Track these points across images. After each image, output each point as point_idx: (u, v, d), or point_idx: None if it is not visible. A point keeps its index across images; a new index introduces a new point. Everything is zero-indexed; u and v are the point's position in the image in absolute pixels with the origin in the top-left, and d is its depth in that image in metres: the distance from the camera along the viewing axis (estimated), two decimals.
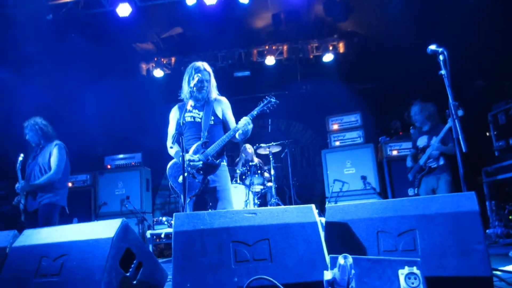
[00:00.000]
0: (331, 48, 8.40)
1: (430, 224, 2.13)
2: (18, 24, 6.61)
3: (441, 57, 3.03)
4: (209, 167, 3.19)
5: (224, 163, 3.34)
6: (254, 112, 3.28)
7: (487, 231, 5.26)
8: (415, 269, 1.72)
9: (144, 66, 9.17)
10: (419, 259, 1.75)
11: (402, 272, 1.72)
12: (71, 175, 8.00)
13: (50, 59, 7.36)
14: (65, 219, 7.48)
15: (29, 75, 7.14)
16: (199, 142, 3.23)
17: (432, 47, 3.10)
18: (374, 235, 2.23)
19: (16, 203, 4.17)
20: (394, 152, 6.84)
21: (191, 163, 3.12)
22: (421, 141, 4.93)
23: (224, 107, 3.44)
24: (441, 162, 4.66)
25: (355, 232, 2.26)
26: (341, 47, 8.47)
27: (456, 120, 2.90)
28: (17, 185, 4.05)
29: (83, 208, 7.70)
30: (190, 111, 3.35)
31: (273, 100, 3.34)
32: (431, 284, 1.80)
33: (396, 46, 6.78)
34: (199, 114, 3.34)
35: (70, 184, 7.98)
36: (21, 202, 4.11)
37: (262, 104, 3.34)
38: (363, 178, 6.79)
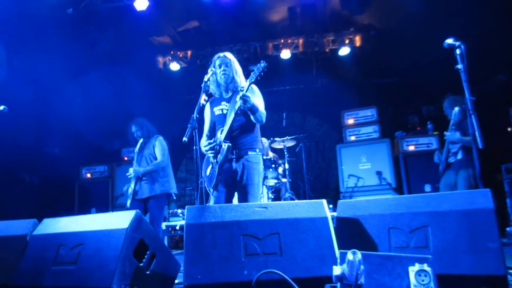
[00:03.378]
0: (347, 41, 8.30)
1: (443, 221, 2.11)
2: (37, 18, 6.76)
3: (458, 51, 2.97)
4: (226, 157, 3.08)
5: (253, 152, 3.19)
6: (247, 83, 3.09)
7: (507, 229, 5.14)
8: (425, 266, 1.70)
9: (161, 60, 9.25)
10: (430, 256, 1.73)
11: (413, 269, 1.71)
12: (90, 166, 8.25)
13: (68, 52, 7.50)
14: (84, 209, 7.72)
15: (43, 62, 7.27)
16: (219, 131, 3.23)
17: (449, 41, 3.03)
18: (386, 232, 2.22)
19: (126, 189, 4.56)
20: (411, 148, 6.73)
21: (210, 154, 3.15)
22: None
23: (251, 94, 3.24)
24: (459, 156, 4.57)
25: (366, 228, 2.26)
26: (358, 41, 8.35)
27: (472, 116, 2.85)
28: (131, 169, 4.47)
29: (101, 198, 7.87)
30: (219, 105, 3.35)
31: (262, 64, 3.10)
32: (442, 282, 1.78)
33: (414, 39, 6.65)
34: (226, 106, 3.31)
35: (89, 175, 8.18)
36: (130, 187, 4.47)
37: (253, 74, 3.10)
38: (379, 173, 6.72)
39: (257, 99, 3.26)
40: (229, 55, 3.42)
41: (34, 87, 6.96)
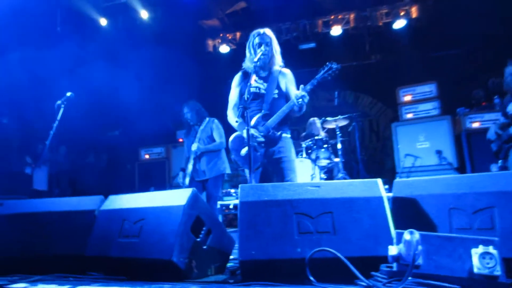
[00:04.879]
0: (402, 13, 7.83)
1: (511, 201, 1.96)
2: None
3: None
4: (270, 140, 3.16)
5: (287, 135, 3.31)
6: (315, 81, 3.11)
7: None
8: (491, 249, 1.60)
9: (210, 43, 9.36)
10: (497, 239, 1.63)
11: (476, 251, 1.62)
12: (147, 148, 8.67)
13: (120, 39, 7.83)
14: (143, 189, 8.17)
15: (100, 51, 7.65)
16: (259, 115, 3.20)
17: None
18: (446, 212, 2.11)
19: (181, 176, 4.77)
20: (475, 125, 6.27)
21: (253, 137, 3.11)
22: None
23: (288, 81, 3.36)
24: None
25: (425, 208, 2.16)
26: (414, 12, 7.86)
27: None
28: (195, 144, 4.64)
29: (159, 178, 8.28)
30: (255, 81, 3.30)
31: (334, 65, 3.13)
32: (510, 267, 1.68)
33: (478, 6, 6.13)
34: (263, 85, 3.29)
35: (147, 156, 8.60)
36: (189, 165, 4.66)
37: (322, 72, 3.15)
38: (438, 152, 6.38)
39: (294, 88, 3.30)
40: (268, 31, 3.32)
41: (93, 73, 7.36)
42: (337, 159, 6.39)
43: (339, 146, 6.36)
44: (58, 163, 8.24)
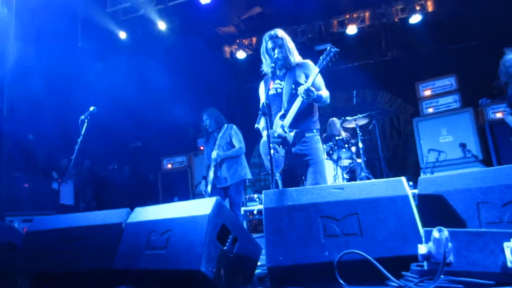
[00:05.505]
0: (418, 8, 7.72)
1: None
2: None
3: None
4: (286, 140, 3.05)
5: (311, 134, 3.14)
6: (315, 70, 3.01)
7: None
8: None
9: (227, 49, 9.45)
10: None
11: (508, 245, 1.58)
12: (169, 157, 8.79)
13: (139, 50, 8.00)
14: (167, 198, 8.27)
15: (120, 63, 7.84)
16: (279, 114, 3.15)
17: None
18: (474, 207, 2.07)
19: (203, 184, 4.82)
20: (499, 115, 6.12)
21: (272, 139, 3.05)
22: None
23: (307, 71, 3.17)
24: None
25: (452, 204, 2.12)
26: (430, 6, 7.74)
27: None
28: (215, 151, 4.68)
29: (182, 187, 8.38)
30: (272, 83, 3.24)
31: (333, 49, 2.99)
32: None
33: None
34: (281, 85, 3.22)
35: (169, 166, 8.72)
36: (211, 172, 4.70)
37: (321, 59, 3.02)
38: (462, 145, 6.24)
39: (318, 79, 3.13)
40: (280, 32, 3.24)
41: (114, 86, 7.53)
42: (359, 160, 6.33)
43: (360, 145, 6.31)
44: (82, 177, 8.45)
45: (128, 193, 9.24)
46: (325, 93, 3.14)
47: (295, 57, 3.27)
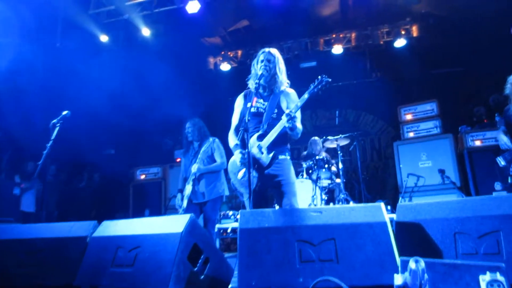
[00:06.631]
0: (403, 32, 7.98)
1: None
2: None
3: None
4: (262, 162, 3.09)
5: (284, 156, 3.21)
6: (305, 96, 3.04)
7: None
8: (498, 276, 1.60)
9: (211, 60, 9.47)
10: (503, 264, 1.62)
11: (484, 279, 1.61)
12: (144, 167, 8.63)
13: (122, 54, 7.91)
14: (138, 210, 8.09)
15: (100, 67, 7.72)
16: (255, 135, 3.17)
17: None
18: (451, 237, 2.10)
19: (180, 196, 4.69)
20: (477, 143, 6.30)
21: (244, 159, 3.06)
22: None
23: (290, 101, 3.28)
24: None
25: (429, 233, 2.15)
26: (415, 31, 8.00)
27: None
28: (195, 165, 4.54)
29: (154, 200, 8.19)
30: (254, 101, 3.27)
31: (325, 79, 3.06)
32: None
33: (478, 25, 6.26)
34: (263, 105, 3.26)
35: (143, 176, 8.56)
36: (188, 186, 4.56)
37: (312, 86, 3.08)
38: (441, 171, 6.37)
39: (298, 112, 3.17)
40: (274, 51, 3.34)
41: (90, 90, 7.39)
42: (338, 180, 6.38)
43: (340, 165, 6.37)
44: (46, 183, 8.15)
45: (95, 203, 9.00)
46: (300, 126, 3.20)
47: (283, 80, 3.33)
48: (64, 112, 3.99)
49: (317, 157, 6.36)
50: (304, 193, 5.95)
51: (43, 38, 7.09)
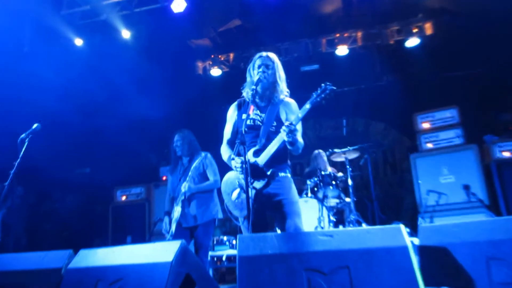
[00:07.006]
0: (415, 30, 8.05)
1: None
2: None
3: None
4: (261, 179, 3.10)
5: (285, 174, 3.23)
6: (307, 106, 3.05)
7: None
8: None
9: (200, 65, 9.51)
10: None
11: None
12: (124, 187, 8.57)
13: (100, 60, 7.92)
14: (118, 236, 7.99)
15: (74, 75, 7.71)
16: (252, 150, 3.18)
17: None
18: (483, 263, 2.08)
19: (168, 220, 4.62)
20: (506, 154, 6.31)
21: (241, 175, 3.08)
22: None
23: (290, 112, 3.30)
24: None
25: (458, 258, 2.13)
26: (428, 29, 8.08)
27: None
28: (185, 183, 4.44)
29: (137, 224, 8.09)
30: (250, 111, 3.31)
31: (329, 87, 3.06)
32: None
33: (499, 20, 6.31)
34: (260, 117, 3.28)
35: (123, 198, 8.49)
36: (177, 208, 4.49)
37: (315, 95, 3.08)
38: (466, 187, 6.37)
39: (298, 124, 3.20)
40: (272, 56, 3.39)
41: (61, 102, 7.37)
42: (348, 199, 6.35)
43: (349, 182, 6.34)
44: (13, 206, 8.09)
45: (70, 229, 8.90)
46: (301, 140, 3.22)
47: (283, 89, 3.36)
48: (34, 125, 3.97)
49: (322, 173, 6.33)
50: (309, 214, 5.91)
51: (7, 42, 7.08)
